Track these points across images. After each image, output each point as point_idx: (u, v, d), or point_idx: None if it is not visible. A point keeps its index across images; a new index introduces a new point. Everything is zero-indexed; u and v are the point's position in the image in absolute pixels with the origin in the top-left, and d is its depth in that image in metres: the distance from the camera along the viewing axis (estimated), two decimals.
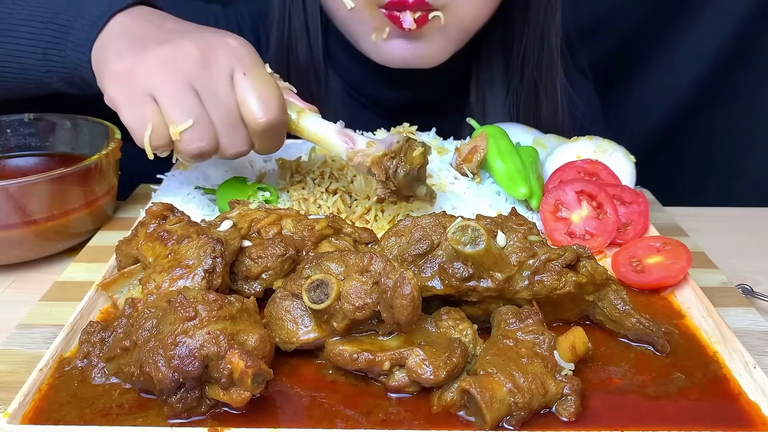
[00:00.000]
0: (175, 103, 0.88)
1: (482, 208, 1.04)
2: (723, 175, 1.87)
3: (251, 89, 0.90)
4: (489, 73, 1.38)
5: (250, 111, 0.90)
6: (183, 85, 0.88)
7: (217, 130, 0.91)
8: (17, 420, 0.66)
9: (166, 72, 0.88)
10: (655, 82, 1.82)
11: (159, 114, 0.89)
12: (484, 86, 1.39)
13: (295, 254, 0.85)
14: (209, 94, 0.89)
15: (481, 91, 1.39)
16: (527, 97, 1.35)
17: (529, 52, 1.32)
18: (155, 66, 0.89)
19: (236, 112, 0.91)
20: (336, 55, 1.36)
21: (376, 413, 0.68)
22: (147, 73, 0.89)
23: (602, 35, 1.77)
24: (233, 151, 0.93)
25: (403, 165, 0.92)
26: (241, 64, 0.91)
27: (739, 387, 0.72)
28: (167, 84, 0.88)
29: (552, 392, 0.67)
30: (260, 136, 0.93)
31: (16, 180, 0.96)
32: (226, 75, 0.90)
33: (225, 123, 0.90)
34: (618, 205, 1.00)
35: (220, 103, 0.90)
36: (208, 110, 0.90)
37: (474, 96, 1.39)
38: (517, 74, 1.35)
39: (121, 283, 0.84)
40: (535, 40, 1.31)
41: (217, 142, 0.91)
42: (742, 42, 1.74)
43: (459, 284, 0.76)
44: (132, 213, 1.13)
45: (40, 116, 1.16)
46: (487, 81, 1.38)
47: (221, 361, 0.65)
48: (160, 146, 0.91)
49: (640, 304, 0.85)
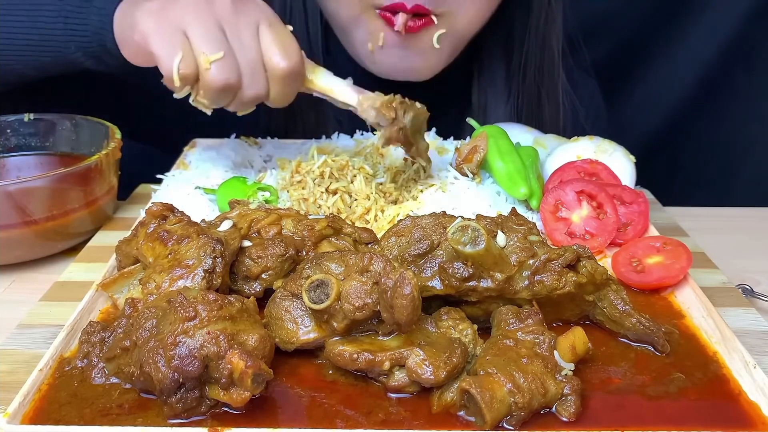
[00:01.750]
0: (207, 37, 0.92)
1: (482, 208, 1.04)
2: (723, 175, 1.87)
3: (276, 38, 0.95)
4: (490, 76, 1.39)
5: (273, 57, 0.95)
6: (213, 25, 0.93)
7: (241, 69, 0.94)
8: (17, 420, 0.65)
9: (198, 11, 0.93)
10: (655, 83, 1.82)
11: (189, 45, 0.93)
12: (486, 89, 1.39)
13: (295, 254, 0.85)
14: (236, 38, 0.94)
15: (482, 94, 1.39)
16: (529, 100, 1.36)
17: (531, 55, 1.33)
18: (189, 5, 0.94)
19: (259, 56, 0.95)
20: (336, 57, 1.37)
21: (376, 413, 0.68)
22: (180, 12, 0.93)
23: (602, 36, 1.77)
24: (253, 92, 0.96)
25: (410, 110, 1.01)
26: (267, 18, 0.96)
27: (739, 387, 0.72)
28: (199, 21, 0.93)
29: (552, 392, 0.67)
30: (279, 82, 0.96)
31: (16, 180, 0.96)
32: (253, 24, 0.95)
33: (248, 64, 0.94)
34: (618, 205, 1.00)
35: (246, 46, 0.94)
36: (235, 50, 0.94)
37: (475, 99, 1.40)
38: (519, 77, 1.35)
39: (121, 283, 0.84)
40: (536, 44, 1.32)
41: (241, 80, 0.95)
42: (742, 42, 1.74)
43: (459, 284, 0.76)
44: (132, 213, 1.13)
45: (40, 116, 1.16)
46: (489, 84, 1.39)
47: (221, 361, 0.65)
48: (188, 75, 0.93)
49: (640, 304, 0.85)
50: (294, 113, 1.33)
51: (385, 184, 1.07)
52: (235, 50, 0.94)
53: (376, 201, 1.04)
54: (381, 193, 1.06)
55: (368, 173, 1.07)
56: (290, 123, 1.34)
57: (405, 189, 1.08)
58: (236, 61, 0.94)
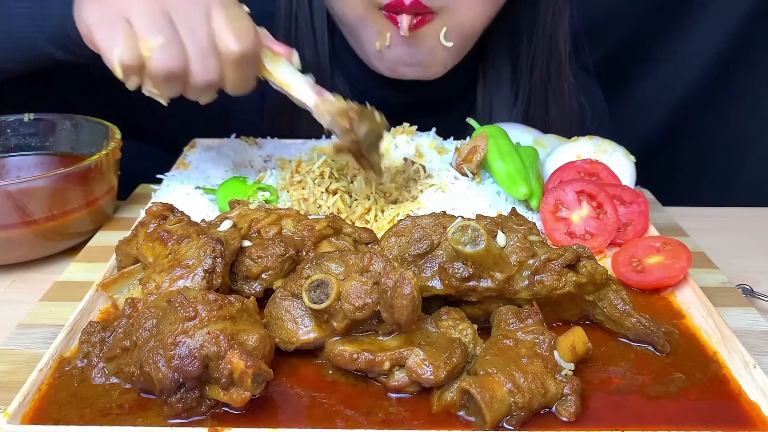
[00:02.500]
0: (149, 23, 0.88)
1: (482, 208, 1.04)
2: (723, 175, 1.87)
3: (227, 20, 0.90)
4: (496, 75, 1.38)
5: (225, 39, 0.90)
6: (158, 10, 0.89)
7: (189, 55, 0.90)
8: (17, 420, 0.66)
9: None
10: (655, 83, 1.82)
11: (132, 34, 0.89)
12: (491, 89, 1.38)
13: (295, 254, 0.85)
14: (184, 22, 0.90)
15: (488, 94, 1.39)
16: (536, 100, 1.35)
17: (538, 54, 1.32)
18: None
19: (210, 40, 0.91)
20: (341, 57, 1.37)
21: (376, 413, 0.68)
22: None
23: (602, 36, 1.77)
24: (203, 78, 0.92)
25: (366, 122, 0.96)
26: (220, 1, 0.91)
27: (739, 387, 0.72)
28: (142, 8, 0.89)
29: (552, 392, 0.67)
30: (233, 66, 0.92)
31: (16, 180, 0.96)
32: (202, 8, 0.90)
33: (197, 49, 0.90)
34: (618, 205, 1.00)
35: (194, 30, 0.90)
36: (182, 35, 0.90)
37: (481, 99, 1.39)
38: (526, 77, 1.34)
39: (121, 283, 0.84)
40: (543, 42, 1.31)
41: (188, 66, 0.91)
42: (742, 42, 1.74)
43: (459, 284, 0.76)
44: (132, 213, 1.13)
45: (40, 116, 1.16)
46: (495, 83, 1.38)
47: (221, 361, 0.65)
48: (130, 66, 0.89)
49: (640, 304, 0.85)
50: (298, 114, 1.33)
51: (385, 184, 1.07)
52: (182, 35, 0.89)
53: (376, 201, 1.04)
54: (381, 193, 1.06)
55: None
56: (295, 123, 1.34)
57: (405, 189, 1.08)
58: (182, 47, 0.89)
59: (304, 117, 1.33)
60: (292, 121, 1.33)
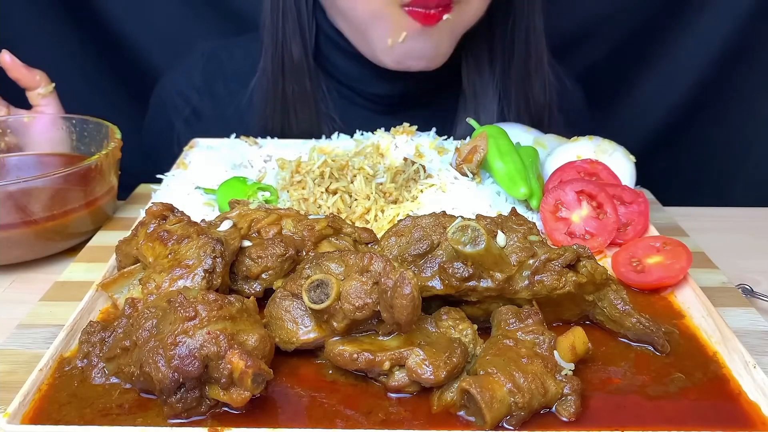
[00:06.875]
0: None
1: (482, 208, 1.04)
2: (723, 175, 1.87)
3: None
4: (477, 55, 1.40)
5: None
6: None
7: None
8: (17, 420, 0.66)
9: None
10: (655, 83, 1.82)
11: None
12: (473, 72, 1.41)
13: (295, 254, 0.85)
14: None
15: (472, 74, 1.41)
16: (517, 75, 1.38)
17: (516, 32, 1.35)
18: None
19: None
20: (328, 55, 1.37)
21: (376, 413, 0.68)
22: None
23: (603, 36, 1.77)
24: None
25: None
26: None
27: (739, 387, 0.72)
28: None
29: (552, 392, 0.67)
30: None
31: (16, 180, 0.96)
32: None
33: None
34: (618, 205, 1.00)
35: None
36: None
37: (466, 80, 1.41)
38: (507, 55, 1.37)
39: (121, 283, 0.84)
40: (519, 21, 1.34)
41: None
42: (741, 42, 1.74)
43: (459, 284, 0.76)
44: (132, 213, 1.13)
45: (41, 116, 1.16)
46: (477, 64, 1.41)
47: (221, 361, 0.65)
48: None
49: (640, 304, 0.85)
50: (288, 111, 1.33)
51: (385, 184, 1.07)
52: None
53: (376, 201, 1.04)
54: (381, 193, 1.06)
55: (368, 173, 1.07)
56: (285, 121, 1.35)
57: (405, 189, 1.08)
58: None
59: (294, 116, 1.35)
60: (283, 119, 1.34)
